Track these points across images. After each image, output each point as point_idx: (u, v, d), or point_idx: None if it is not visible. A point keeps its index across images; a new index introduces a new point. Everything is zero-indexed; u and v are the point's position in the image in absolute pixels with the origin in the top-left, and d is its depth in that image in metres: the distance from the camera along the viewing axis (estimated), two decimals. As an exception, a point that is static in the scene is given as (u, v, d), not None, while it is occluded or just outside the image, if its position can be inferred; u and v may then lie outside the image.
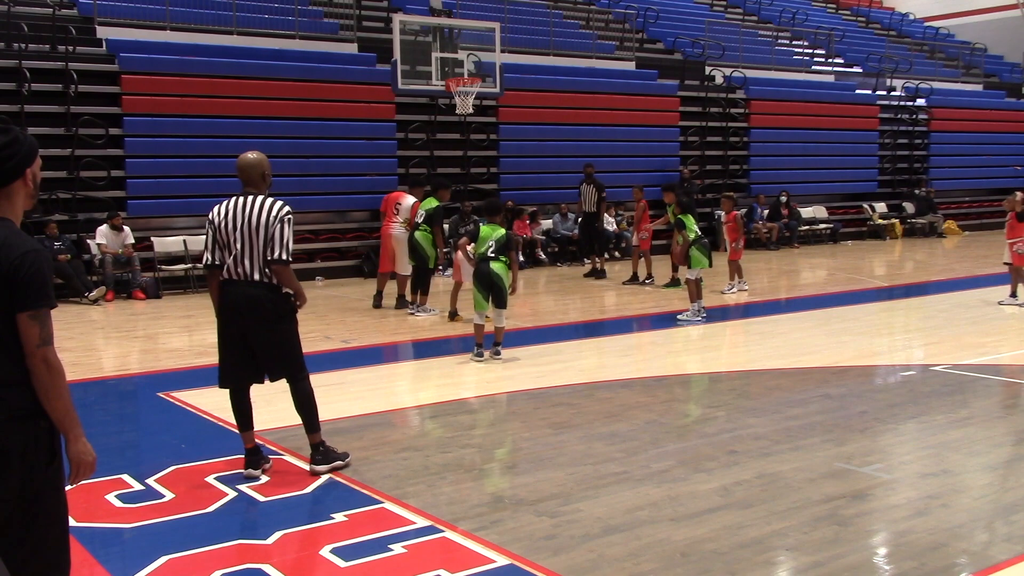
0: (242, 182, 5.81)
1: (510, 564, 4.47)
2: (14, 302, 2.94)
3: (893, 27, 33.67)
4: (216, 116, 16.29)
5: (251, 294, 5.62)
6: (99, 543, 4.83)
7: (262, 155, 5.88)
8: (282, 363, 5.79)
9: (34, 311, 2.95)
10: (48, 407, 2.98)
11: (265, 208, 5.63)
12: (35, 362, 2.94)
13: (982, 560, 4.52)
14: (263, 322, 5.65)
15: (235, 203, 5.70)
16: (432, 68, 16.72)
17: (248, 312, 5.63)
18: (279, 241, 5.59)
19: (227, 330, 5.75)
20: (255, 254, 5.60)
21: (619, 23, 24.67)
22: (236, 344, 5.73)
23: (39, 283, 2.96)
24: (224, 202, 5.76)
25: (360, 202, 17.80)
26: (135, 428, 7.67)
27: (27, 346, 2.94)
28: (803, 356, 9.65)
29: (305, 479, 5.78)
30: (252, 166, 5.78)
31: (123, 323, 12.55)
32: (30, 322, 2.94)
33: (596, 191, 16.61)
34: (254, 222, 5.59)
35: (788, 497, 5.34)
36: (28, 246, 2.99)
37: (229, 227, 5.64)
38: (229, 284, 5.67)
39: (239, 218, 5.63)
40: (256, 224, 5.59)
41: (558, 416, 7.26)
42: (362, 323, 11.94)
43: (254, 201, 5.67)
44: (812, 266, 19.21)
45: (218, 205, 5.77)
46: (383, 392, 8.48)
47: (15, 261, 2.93)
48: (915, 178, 26.36)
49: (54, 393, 2.97)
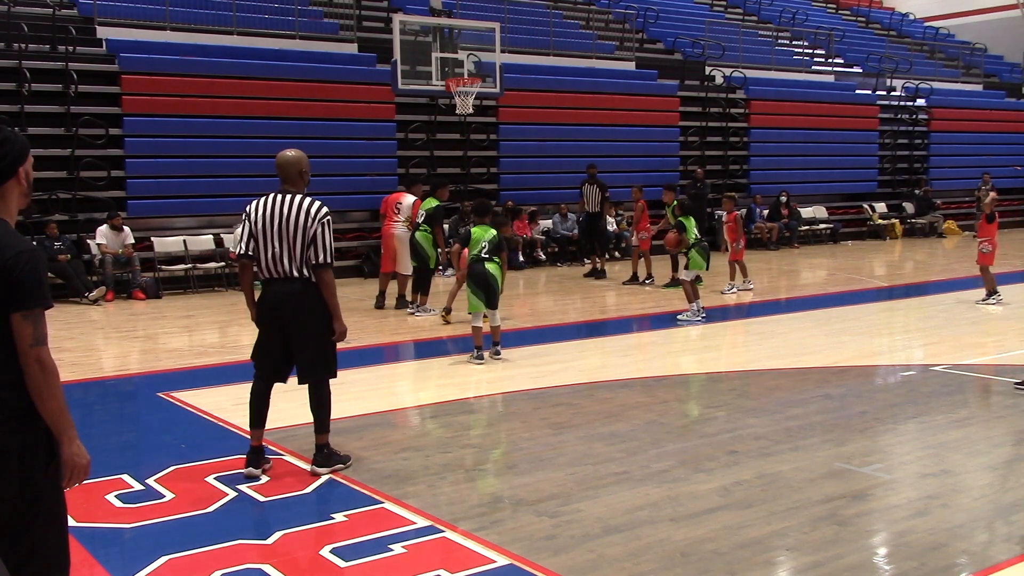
0: (280, 179, 5.78)
1: (510, 564, 4.47)
2: (8, 301, 2.93)
3: (893, 27, 33.68)
4: (216, 116, 16.29)
5: (290, 290, 5.65)
6: (99, 543, 4.82)
7: (301, 153, 5.87)
8: (317, 361, 5.80)
9: (28, 311, 2.93)
10: (41, 408, 2.96)
11: (304, 208, 5.64)
12: (28, 362, 2.93)
13: (982, 560, 4.52)
14: (302, 318, 5.67)
15: (273, 200, 5.70)
16: (432, 68, 16.72)
17: (288, 308, 5.67)
18: (321, 244, 5.62)
19: (264, 327, 5.80)
20: (293, 254, 5.62)
21: (619, 23, 24.67)
22: (276, 339, 5.77)
23: (34, 283, 2.94)
24: (261, 198, 5.76)
25: (360, 202, 17.79)
26: (135, 428, 7.67)
27: (20, 346, 2.92)
28: (803, 356, 9.65)
29: (305, 479, 5.78)
30: (291, 163, 5.77)
31: (123, 323, 12.55)
32: (23, 322, 2.92)
33: (600, 191, 16.62)
34: (292, 222, 5.60)
35: (788, 497, 5.34)
36: (23, 245, 2.98)
37: (266, 225, 5.65)
38: (267, 283, 5.72)
39: (277, 216, 5.63)
40: (295, 225, 5.60)
41: (558, 416, 7.26)
42: (362, 323, 11.94)
43: (292, 200, 5.67)
44: (812, 266, 19.21)
45: (255, 200, 5.77)
46: (383, 392, 8.48)
47: (9, 260, 2.91)
48: (915, 178, 26.37)
49: (47, 394, 2.95)
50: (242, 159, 16.42)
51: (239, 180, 16.33)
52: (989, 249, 12.68)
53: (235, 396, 8.07)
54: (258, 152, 16.68)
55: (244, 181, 16.40)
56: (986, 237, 12.73)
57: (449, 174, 18.71)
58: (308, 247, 5.61)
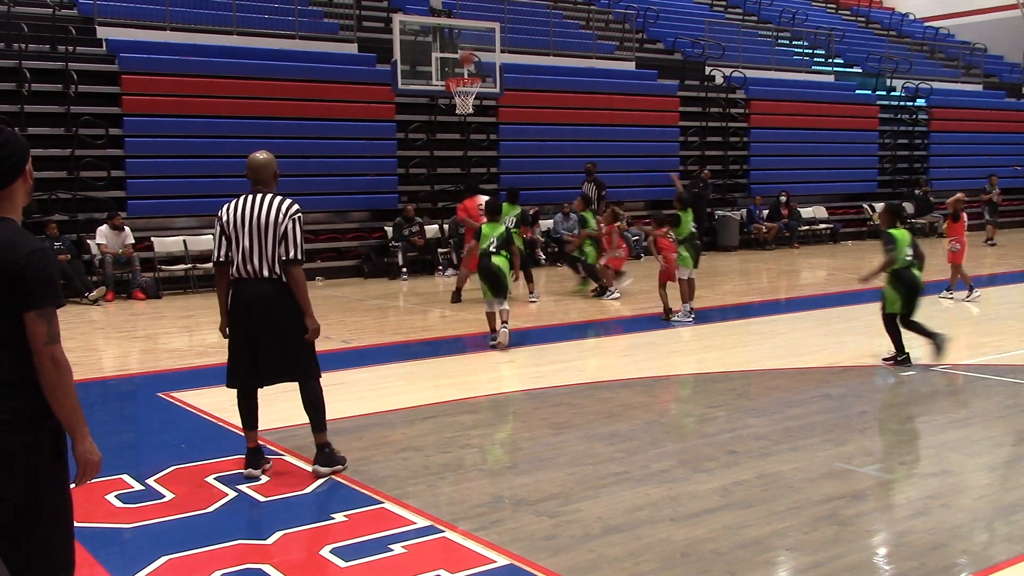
0: (251, 181, 5.81)
1: (510, 564, 4.47)
2: (21, 300, 2.93)
3: (893, 27, 33.67)
4: (216, 116, 16.29)
5: (260, 291, 5.61)
6: (99, 543, 4.82)
7: (271, 155, 5.91)
8: (288, 365, 5.74)
9: (41, 309, 2.94)
10: (55, 406, 2.97)
11: (275, 206, 5.63)
12: (42, 360, 2.93)
13: (982, 560, 4.52)
14: (271, 319, 5.62)
15: (244, 201, 5.72)
16: (432, 68, 16.72)
17: (256, 309, 5.62)
18: (292, 240, 5.59)
19: (235, 329, 5.75)
20: (264, 251, 5.58)
21: (619, 23, 24.67)
22: (244, 344, 5.72)
23: (46, 281, 2.96)
24: (233, 200, 5.77)
25: (360, 202, 17.81)
26: (135, 428, 7.67)
27: (35, 344, 2.92)
28: (803, 356, 9.65)
29: (305, 479, 5.78)
30: (265, 166, 5.81)
31: (123, 323, 12.55)
32: (38, 320, 2.93)
33: (596, 189, 16.69)
34: (263, 219, 5.59)
35: (788, 497, 5.34)
36: (34, 245, 3.00)
37: (237, 224, 5.64)
38: (238, 283, 5.68)
39: (248, 216, 5.63)
40: (265, 222, 5.59)
41: (558, 416, 7.26)
42: (362, 323, 11.94)
43: (263, 199, 5.68)
44: (812, 266, 19.21)
45: (227, 203, 5.77)
46: (383, 392, 8.47)
47: (22, 260, 2.92)
48: (915, 178, 26.36)
49: (61, 392, 2.96)
50: (242, 159, 16.12)
51: (239, 180, 16.15)
52: (958, 248, 13.04)
53: (235, 396, 8.07)
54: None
55: (244, 181, 16.31)
56: (954, 236, 13.10)
57: (449, 174, 18.76)
58: (279, 244, 5.57)
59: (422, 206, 18.00)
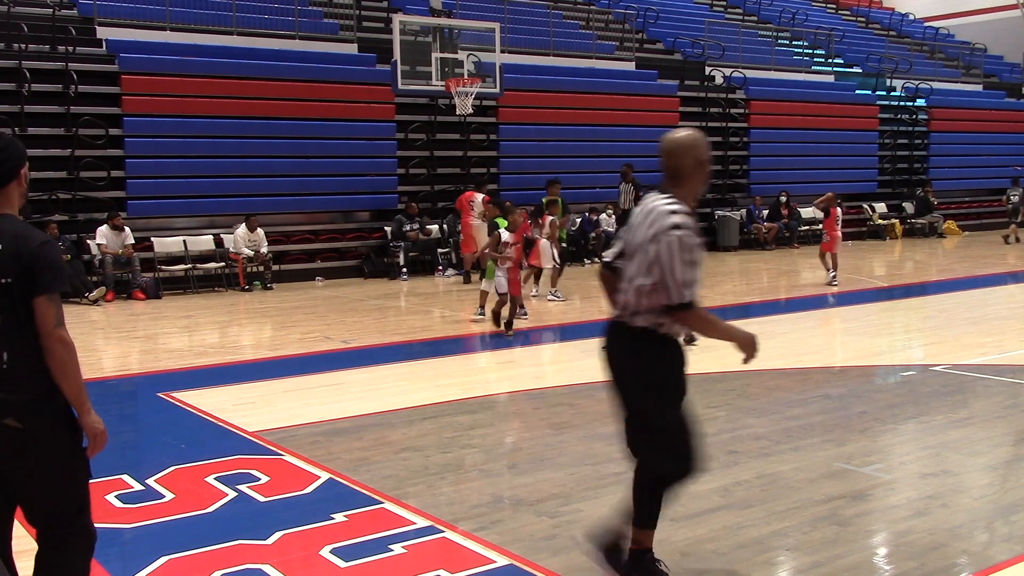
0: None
1: (510, 564, 4.47)
2: (35, 287, 3.17)
3: (893, 27, 33.67)
4: (216, 116, 16.29)
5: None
6: (99, 543, 4.79)
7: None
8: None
9: (51, 294, 3.20)
10: (64, 384, 3.21)
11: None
12: (52, 342, 3.18)
13: (982, 560, 4.52)
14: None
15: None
16: (432, 68, 16.73)
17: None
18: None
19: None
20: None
21: (619, 23, 24.67)
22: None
23: (57, 268, 3.23)
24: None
25: (360, 202, 17.81)
26: (135, 428, 7.67)
27: (45, 327, 3.17)
28: (803, 356, 9.65)
29: (305, 479, 5.78)
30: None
31: (123, 323, 12.55)
32: (48, 303, 3.18)
33: (635, 189, 17.00)
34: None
35: (788, 497, 5.34)
36: (43, 236, 3.30)
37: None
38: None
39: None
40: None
41: (558, 416, 7.26)
42: (362, 323, 11.94)
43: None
44: (812, 266, 19.17)
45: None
46: (383, 392, 8.47)
47: (35, 249, 3.19)
48: (915, 178, 26.36)
49: (71, 369, 3.22)
50: (242, 159, 16.43)
51: (239, 180, 16.34)
52: (828, 239, 15.07)
53: (235, 396, 8.09)
54: (258, 152, 16.71)
55: (244, 181, 16.42)
56: (826, 229, 15.19)
57: (449, 174, 18.76)
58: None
59: (422, 206, 17.99)
